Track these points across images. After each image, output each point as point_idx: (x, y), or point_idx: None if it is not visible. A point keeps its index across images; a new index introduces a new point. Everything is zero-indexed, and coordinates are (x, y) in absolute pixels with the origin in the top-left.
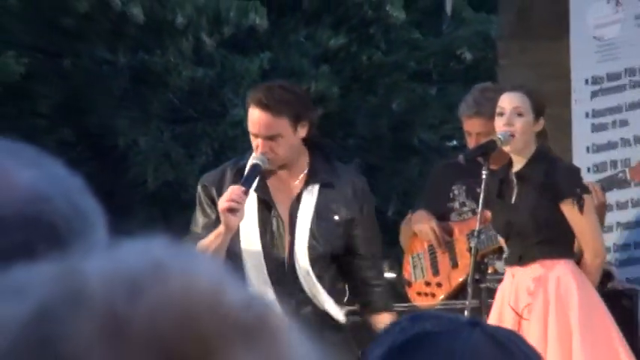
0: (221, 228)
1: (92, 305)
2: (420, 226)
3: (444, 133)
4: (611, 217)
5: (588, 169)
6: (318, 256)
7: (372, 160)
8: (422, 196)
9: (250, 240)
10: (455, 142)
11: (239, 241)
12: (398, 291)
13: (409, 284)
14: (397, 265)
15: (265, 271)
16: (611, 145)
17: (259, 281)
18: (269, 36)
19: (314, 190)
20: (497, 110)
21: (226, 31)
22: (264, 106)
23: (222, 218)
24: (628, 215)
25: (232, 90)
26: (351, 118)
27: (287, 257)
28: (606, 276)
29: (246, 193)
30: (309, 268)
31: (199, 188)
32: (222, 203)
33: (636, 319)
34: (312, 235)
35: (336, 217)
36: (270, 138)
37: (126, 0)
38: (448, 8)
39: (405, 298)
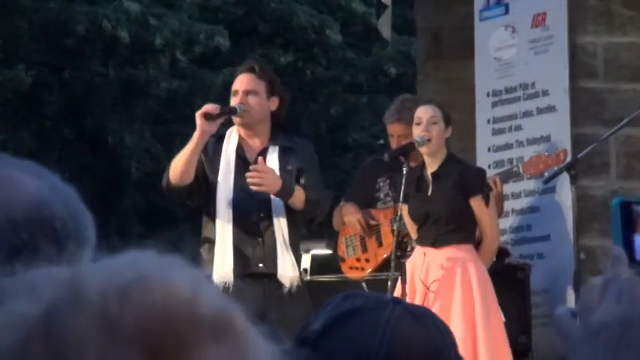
0: (195, 134)
1: (90, 308)
2: (349, 217)
3: (372, 133)
4: (507, 205)
5: (489, 166)
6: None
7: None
8: (352, 187)
9: (225, 182)
10: (382, 141)
11: (216, 181)
12: (333, 265)
13: (343, 260)
14: (332, 244)
15: (232, 221)
16: (507, 146)
17: (223, 224)
18: (231, 54)
19: (276, 150)
20: (415, 120)
21: (197, 50)
22: (251, 69)
23: (198, 122)
24: (522, 203)
25: (201, 98)
26: (297, 120)
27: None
28: (504, 253)
29: (219, 115)
30: (280, 210)
31: None
32: (198, 112)
33: (528, 289)
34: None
35: (289, 167)
36: (248, 92)
37: (115, 24)
38: (386, 34)
39: (339, 271)
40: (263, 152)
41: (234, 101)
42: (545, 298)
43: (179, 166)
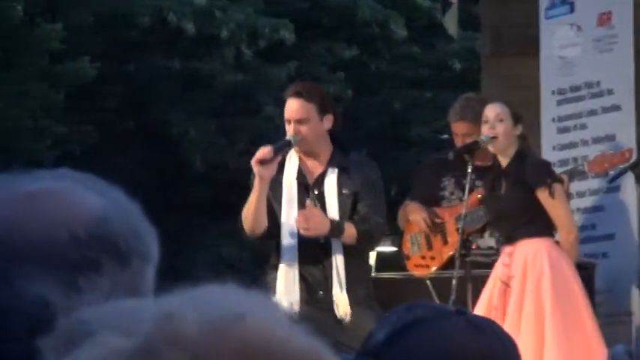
0: (255, 181)
1: (185, 345)
2: (414, 216)
3: (435, 128)
4: (572, 204)
5: (554, 164)
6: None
7: (377, 150)
8: (416, 185)
9: (288, 215)
10: (445, 136)
11: (280, 217)
12: (398, 262)
13: (408, 258)
14: (397, 241)
15: (297, 243)
16: (572, 145)
17: (290, 251)
18: (295, 48)
19: (334, 173)
20: (483, 119)
21: (261, 44)
22: (297, 94)
23: (255, 171)
24: (586, 202)
25: (265, 92)
26: (360, 115)
27: None
28: None
29: (274, 153)
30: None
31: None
32: (253, 159)
33: (593, 288)
34: (339, 209)
35: (345, 191)
36: (300, 121)
37: (180, 16)
38: (452, 31)
39: (404, 269)
40: (322, 176)
41: (288, 129)
42: (608, 297)
43: (250, 219)
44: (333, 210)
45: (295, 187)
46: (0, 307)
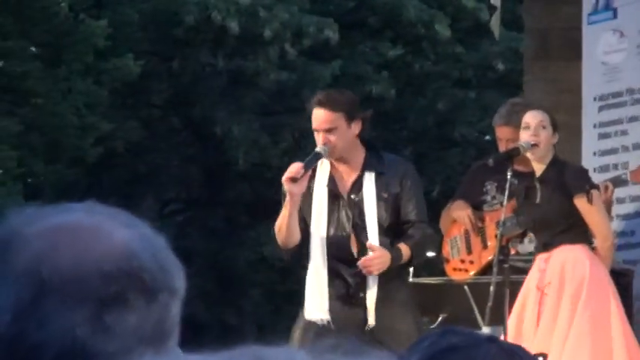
0: (286, 200)
1: None
2: (459, 212)
3: (480, 129)
4: (612, 210)
5: (594, 170)
6: (382, 230)
7: (421, 150)
8: (460, 188)
9: (318, 223)
10: (489, 137)
11: (310, 226)
12: (437, 267)
13: (447, 261)
14: (437, 245)
15: (326, 253)
16: (613, 151)
17: (318, 259)
18: (340, 47)
19: (371, 177)
20: (523, 125)
21: (305, 43)
22: (322, 104)
23: (286, 189)
24: (626, 208)
25: (310, 90)
26: (405, 115)
27: (352, 240)
28: None
29: (305, 169)
30: (377, 242)
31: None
32: (284, 177)
33: (631, 293)
34: (378, 212)
35: (385, 195)
36: (329, 131)
37: (225, 15)
38: (496, 34)
39: (442, 274)
40: (359, 181)
41: (317, 138)
42: None
43: (283, 234)
44: (371, 215)
45: (326, 195)
46: (29, 341)
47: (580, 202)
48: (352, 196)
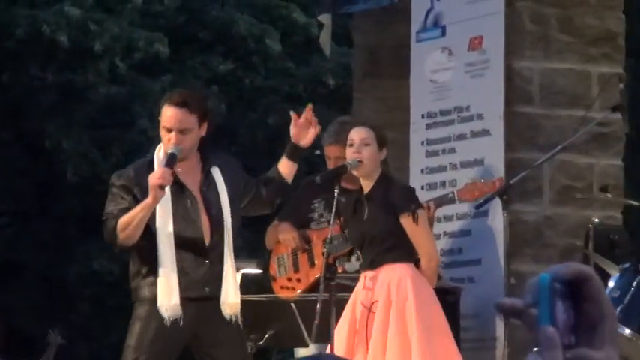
0: (148, 200)
1: None
2: (284, 235)
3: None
4: (439, 227)
5: (422, 188)
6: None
7: (251, 164)
8: (288, 206)
9: (164, 219)
10: (318, 152)
11: (154, 222)
12: (263, 285)
13: (274, 279)
14: (263, 263)
15: (174, 247)
16: (441, 169)
17: (167, 255)
18: (170, 61)
19: (216, 171)
20: (348, 142)
21: (136, 57)
22: (180, 104)
23: (151, 193)
24: (454, 226)
25: (139, 105)
26: (235, 129)
27: (206, 231)
28: None
29: (171, 174)
30: (230, 232)
31: (115, 182)
32: (154, 180)
33: (458, 312)
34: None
35: (234, 186)
36: (182, 132)
37: (55, 28)
38: (327, 51)
39: (269, 291)
40: (206, 176)
41: (165, 137)
42: (474, 322)
43: (129, 231)
44: (226, 208)
45: (169, 192)
46: None
47: (406, 222)
48: (204, 189)
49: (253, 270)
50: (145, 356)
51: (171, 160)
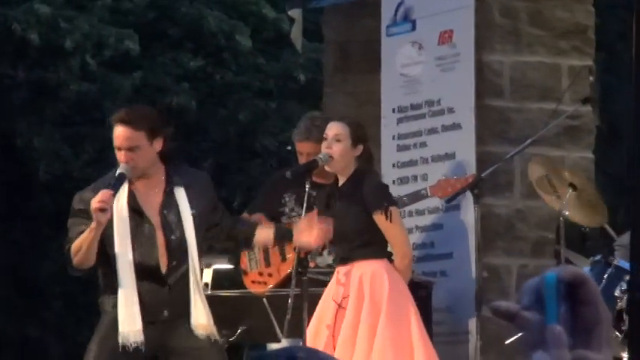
0: (93, 224)
1: None
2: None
3: (281, 139)
4: (411, 222)
5: (394, 182)
6: (198, 241)
7: (222, 160)
8: (258, 199)
9: (123, 245)
10: (290, 147)
11: (113, 247)
12: (235, 280)
13: (245, 273)
14: (234, 259)
15: (134, 273)
16: (412, 163)
17: (127, 281)
18: (141, 58)
19: (180, 191)
20: (324, 136)
21: (106, 54)
22: (125, 122)
23: (94, 216)
24: (425, 220)
25: (111, 101)
26: (206, 126)
27: (163, 257)
28: None
29: (113, 195)
30: (195, 253)
31: (74, 207)
32: (94, 204)
33: (430, 306)
34: (196, 224)
35: (196, 208)
36: (131, 149)
37: (25, 26)
38: (298, 47)
39: (241, 287)
40: (167, 197)
41: (119, 156)
42: (447, 316)
43: (81, 256)
44: (189, 229)
45: (127, 214)
46: None
47: (378, 218)
48: (165, 212)
49: (225, 265)
50: None
51: (118, 181)
